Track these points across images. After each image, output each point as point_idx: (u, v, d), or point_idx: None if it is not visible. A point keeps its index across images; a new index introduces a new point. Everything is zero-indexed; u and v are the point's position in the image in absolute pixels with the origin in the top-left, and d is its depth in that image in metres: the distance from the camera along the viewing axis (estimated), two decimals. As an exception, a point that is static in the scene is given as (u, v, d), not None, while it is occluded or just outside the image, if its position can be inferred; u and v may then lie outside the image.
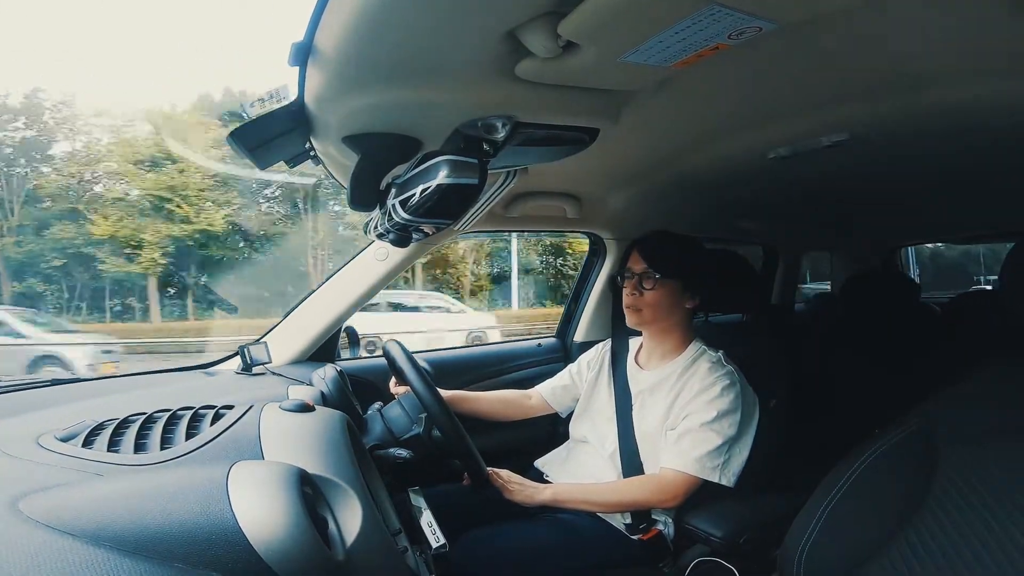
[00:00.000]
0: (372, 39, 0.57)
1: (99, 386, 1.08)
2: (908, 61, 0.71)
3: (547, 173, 1.21)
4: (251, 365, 1.25)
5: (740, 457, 1.10)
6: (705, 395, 1.13)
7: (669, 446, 1.12)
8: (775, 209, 1.75)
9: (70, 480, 0.56)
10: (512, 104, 0.74)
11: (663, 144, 1.07)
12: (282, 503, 0.51)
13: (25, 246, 12.34)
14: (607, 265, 1.78)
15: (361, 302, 1.41)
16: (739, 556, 1.05)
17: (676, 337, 1.25)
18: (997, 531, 0.65)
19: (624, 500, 1.13)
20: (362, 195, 0.88)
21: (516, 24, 0.56)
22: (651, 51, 0.59)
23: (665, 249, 1.23)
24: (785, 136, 0.99)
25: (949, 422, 0.77)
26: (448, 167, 0.74)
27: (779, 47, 0.66)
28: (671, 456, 1.11)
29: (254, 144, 0.77)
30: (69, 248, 12.13)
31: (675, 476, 1.09)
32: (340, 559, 0.54)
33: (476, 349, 1.85)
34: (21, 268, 12.30)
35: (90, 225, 11.99)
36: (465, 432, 1.02)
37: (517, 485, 1.16)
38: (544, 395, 1.45)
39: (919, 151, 1.07)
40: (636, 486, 1.14)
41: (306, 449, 0.66)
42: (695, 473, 1.08)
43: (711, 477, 1.08)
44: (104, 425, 0.69)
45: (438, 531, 0.84)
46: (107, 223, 11.95)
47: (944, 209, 1.82)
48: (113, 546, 0.46)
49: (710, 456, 1.08)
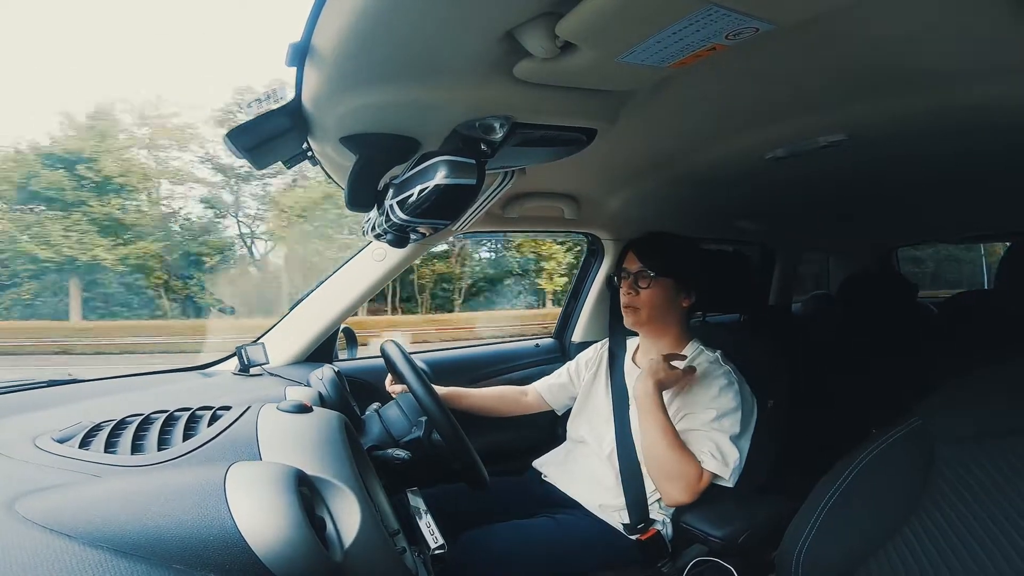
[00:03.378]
0: (370, 39, 0.57)
1: (96, 387, 1.07)
2: (906, 61, 0.71)
3: (545, 174, 1.21)
4: (248, 366, 1.25)
5: (741, 456, 1.10)
6: (705, 394, 1.13)
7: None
8: (773, 209, 1.75)
9: (67, 481, 0.56)
10: (510, 105, 0.74)
11: (661, 145, 1.07)
12: (280, 504, 0.51)
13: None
14: (605, 265, 1.78)
15: (359, 303, 1.41)
16: (737, 556, 1.05)
17: (673, 336, 1.25)
18: (994, 530, 0.65)
19: (678, 457, 1.07)
20: (360, 196, 0.88)
21: (514, 25, 0.56)
22: (648, 52, 0.59)
23: (659, 248, 1.23)
24: (782, 136, 1.00)
25: (946, 422, 0.78)
26: (446, 167, 0.74)
27: (776, 47, 0.66)
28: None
29: (251, 145, 0.77)
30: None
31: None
32: (338, 560, 0.54)
33: (474, 349, 1.85)
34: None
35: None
36: (463, 434, 1.02)
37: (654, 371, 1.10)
38: (540, 392, 1.45)
39: (917, 151, 1.07)
40: (689, 457, 1.08)
41: (304, 450, 0.66)
42: (712, 469, 1.07)
43: (723, 473, 1.07)
44: (101, 426, 0.68)
45: (436, 532, 0.84)
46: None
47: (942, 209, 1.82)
48: (110, 547, 0.46)
49: (721, 453, 1.08)
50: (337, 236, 12.44)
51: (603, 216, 1.57)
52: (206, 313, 11.73)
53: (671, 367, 1.12)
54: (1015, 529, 0.64)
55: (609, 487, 1.18)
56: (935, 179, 1.34)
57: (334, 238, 12.53)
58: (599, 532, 1.16)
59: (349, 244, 11.69)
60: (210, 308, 11.62)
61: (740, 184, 1.30)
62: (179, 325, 11.02)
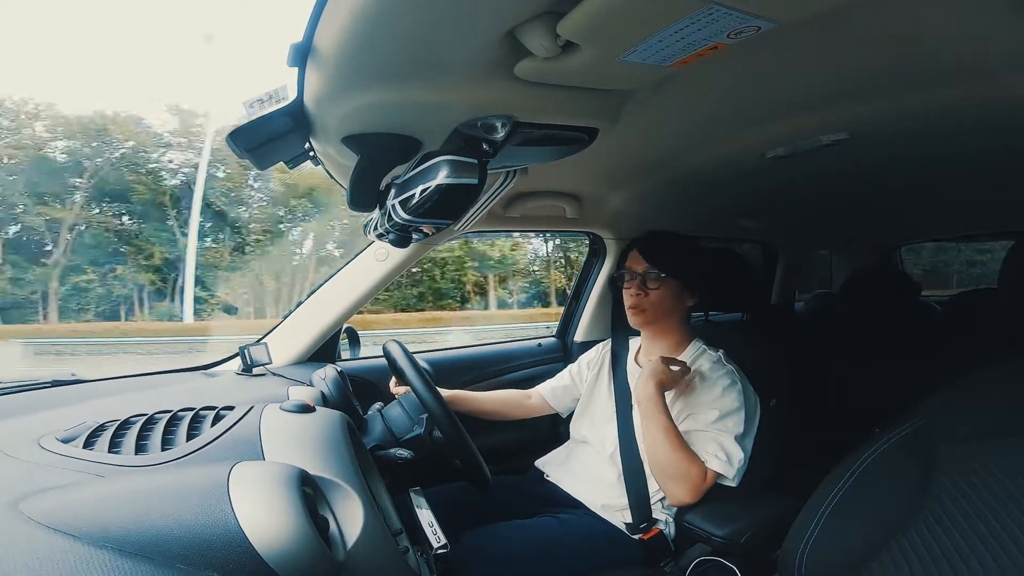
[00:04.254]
0: (371, 39, 0.57)
1: (100, 387, 1.08)
2: (907, 60, 0.71)
3: (547, 173, 1.21)
4: (251, 366, 1.25)
5: (744, 456, 1.10)
6: (708, 395, 1.13)
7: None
8: (775, 208, 1.74)
9: (71, 481, 0.57)
10: (511, 104, 0.74)
11: (662, 144, 1.07)
12: (283, 504, 0.51)
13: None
14: (607, 265, 1.78)
15: (361, 303, 1.41)
16: (740, 556, 1.05)
17: (676, 336, 1.25)
18: (997, 531, 0.65)
19: (681, 457, 1.07)
20: (362, 196, 0.88)
21: (515, 24, 0.56)
22: (650, 51, 0.59)
23: (666, 248, 1.23)
24: (784, 135, 0.99)
25: (949, 422, 0.77)
26: (448, 167, 0.74)
27: (778, 46, 0.66)
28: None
29: (253, 145, 0.77)
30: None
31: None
32: (341, 559, 0.54)
33: (476, 349, 1.85)
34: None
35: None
36: (465, 432, 1.03)
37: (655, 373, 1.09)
38: (544, 395, 1.45)
39: (919, 150, 1.07)
40: (693, 457, 1.08)
41: (307, 450, 0.66)
42: (717, 469, 1.07)
43: (728, 473, 1.07)
44: (105, 426, 0.69)
45: (439, 531, 0.84)
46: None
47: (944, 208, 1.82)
48: (114, 547, 0.46)
49: (725, 453, 1.07)
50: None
51: (605, 215, 1.57)
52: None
53: (670, 369, 1.12)
54: (1019, 529, 0.64)
55: (611, 486, 1.18)
56: (937, 178, 1.33)
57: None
58: (602, 532, 1.15)
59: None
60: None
61: (742, 183, 1.30)
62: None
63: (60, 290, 12.31)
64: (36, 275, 12.30)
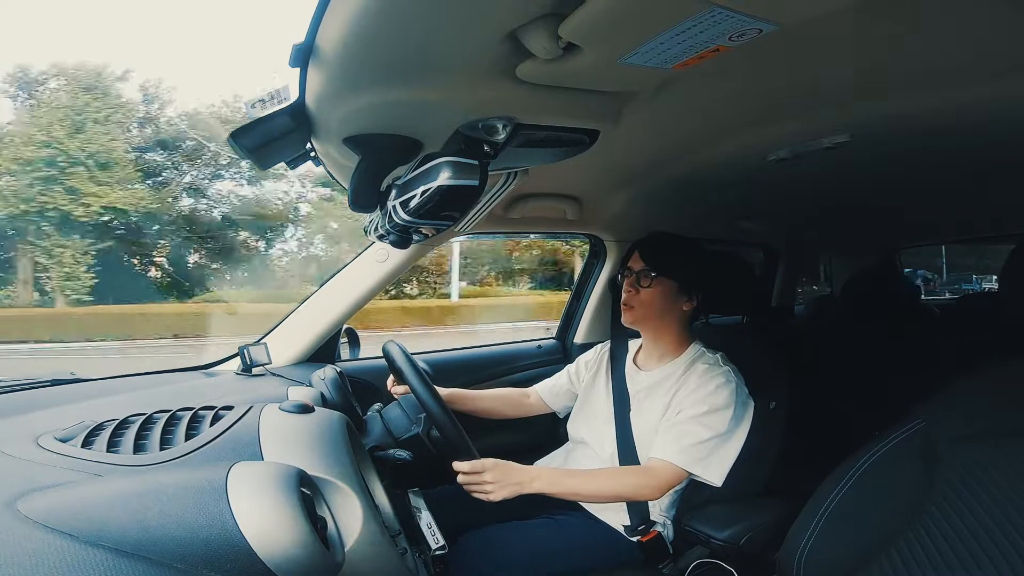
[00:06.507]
0: (373, 40, 0.57)
1: (98, 386, 1.08)
2: (909, 62, 0.71)
3: (548, 175, 1.21)
4: (251, 366, 1.25)
5: (729, 455, 1.09)
6: (699, 392, 1.12)
7: (658, 437, 1.12)
8: (775, 210, 1.75)
9: (69, 480, 0.56)
10: (513, 105, 0.74)
11: (663, 146, 1.07)
12: (281, 504, 0.51)
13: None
14: (607, 267, 1.78)
15: (361, 303, 1.41)
16: (739, 558, 1.05)
17: (673, 338, 1.25)
18: (997, 532, 0.65)
19: (609, 488, 1.08)
20: (363, 196, 0.88)
21: (516, 25, 0.56)
22: (651, 53, 0.59)
23: (663, 248, 1.23)
24: (786, 138, 0.99)
25: (949, 423, 0.77)
26: (449, 169, 0.74)
27: (780, 48, 0.66)
28: (657, 446, 1.10)
29: (255, 145, 0.77)
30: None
31: (659, 465, 1.07)
32: (339, 560, 0.54)
33: (476, 350, 1.85)
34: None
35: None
36: (464, 432, 1.02)
37: (495, 483, 1.00)
38: (542, 394, 1.45)
39: (921, 152, 1.07)
40: (621, 473, 1.13)
41: (306, 450, 0.66)
42: (678, 463, 1.06)
43: (693, 469, 1.06)
44: (103, 425, 0.69)
45: (437, 532, 0.84)
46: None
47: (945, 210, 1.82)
48: (112, 546, 0.46)
49: (695, 448, 1.06)
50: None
51: (605, 217, 1.57)
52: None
53: (488, 484, 1.00)
54: (1018, 530, 0.64)
55: (610, 488, 1.18)
56: (939, 180, 1.33)
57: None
58: (600, 533, 1.15)
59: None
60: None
61: (743, 185, 1.30)
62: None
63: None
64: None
